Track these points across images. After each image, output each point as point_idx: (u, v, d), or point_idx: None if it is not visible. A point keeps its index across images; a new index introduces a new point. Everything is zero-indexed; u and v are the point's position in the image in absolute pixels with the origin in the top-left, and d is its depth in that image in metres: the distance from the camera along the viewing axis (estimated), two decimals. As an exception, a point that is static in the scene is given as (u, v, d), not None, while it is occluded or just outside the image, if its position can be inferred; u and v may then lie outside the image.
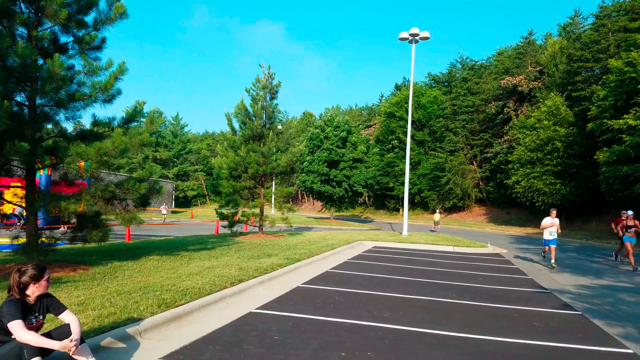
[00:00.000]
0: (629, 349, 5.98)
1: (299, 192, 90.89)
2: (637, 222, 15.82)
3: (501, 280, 11.55)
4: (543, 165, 39.75)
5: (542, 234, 15.70)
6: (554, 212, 15.33)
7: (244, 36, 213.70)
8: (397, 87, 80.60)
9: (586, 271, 14.54)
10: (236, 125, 20.73)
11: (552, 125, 39.17)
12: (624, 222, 16.00)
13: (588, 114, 35.05)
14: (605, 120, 30.59)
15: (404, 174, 27.09)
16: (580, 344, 6.07)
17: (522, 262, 16.53)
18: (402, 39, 25.60)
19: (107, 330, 5.27)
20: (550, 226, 15.06)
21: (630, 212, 16.04)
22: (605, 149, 30.52)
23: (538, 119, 40.66)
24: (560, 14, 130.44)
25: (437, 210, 39.70)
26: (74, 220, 10.11)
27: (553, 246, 14.92)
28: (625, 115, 27.58)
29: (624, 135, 27.35)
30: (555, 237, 15.08)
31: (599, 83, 35.60)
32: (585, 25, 49.02)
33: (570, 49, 43.68)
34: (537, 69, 51.33)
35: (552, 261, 14.74)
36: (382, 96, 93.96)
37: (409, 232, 26.36)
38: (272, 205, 46.10)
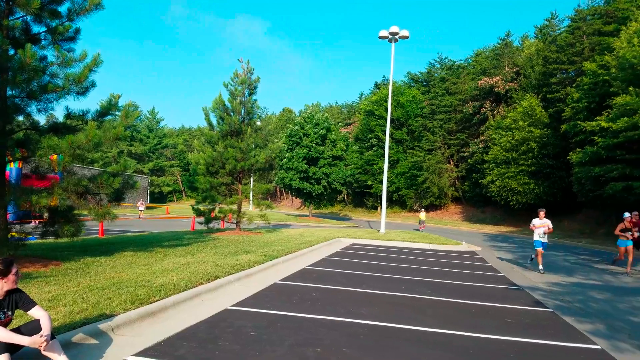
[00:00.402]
0: (597, 345, 6.11)
1: (278, 189, 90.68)
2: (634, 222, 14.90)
3: (475, 277, 11.68)
4: (518, 165, 40.35)
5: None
6: (542, 213, 14.44)
7: (223, 31, 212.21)
8: (377, 86, 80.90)
9: (558, 269, 14.80)
10: (214, 121, 20.55)
11: (527, 126, 39.76)
12: (623, 224, 15.02)
13: (562, 115, 35.64)
14: (579, 122, 31.14)
15: (383, 172, 27.17)
16: (550, 340, 6.17)
17: (496, 259, 16.75)
18: (381, 38, 25.66)
19: (79, 326, 5.16)
20: (540, 227, 14.01)
21: (627, 215, 15.21)
22: (578, 150, 31.07)
23: (514, 120, 41.22)
24: (537, 16, 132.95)
25: (422, 209, 38.88)
26: (45, 214, 9.89)
27: (540, 250, 13.79)
28: (597, 117, 28.10)
29: (596, 137, 27.88)
30: (546, 239, 14.09)
31: (574, 85, 36.25)
32: (561, 28, 49.81)
33: (546, 51, 44.34)
34: (514, 70, 52.03)
35: (540, 267, 13.55)
36: (361, 94, 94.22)
37: (387, 229, 26.49)
38: (250, 201, 45.77)
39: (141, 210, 38.50)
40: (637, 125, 24.45)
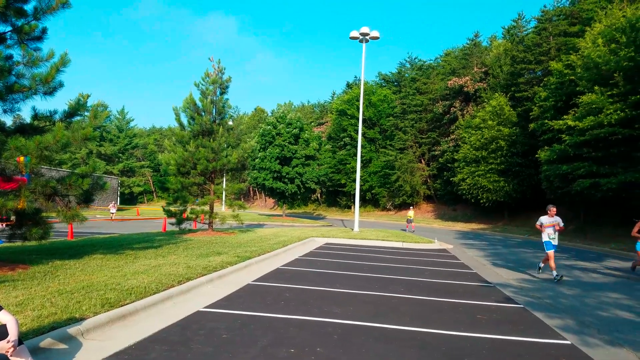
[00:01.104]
0: (567, 340, 6.24)
1: (251, 188, 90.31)
2: None
3: (447, 275, 11.83)
4: (487, 163, 41.03)
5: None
6: (553, 209, 12.44)
7: (195, 29, 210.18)
8: (349, 86, 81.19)
9: (528, 265, 15.10)
10: (184, 120, 20.34)
11: (496, 125, 40.41)
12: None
13: (530, 114, 36.28)
14: (547, 121, 31.74)
15: (356, 171, 27.34)
16: (521, 336, 6.28)
17: (467, 257, 16.99)
18: (352, 38, 25.79)
19: (47, 331, 5.06)
20: (549, 225, 12.24)
21: None
22: (546, 148, 31.65)
23: (483, 119, 41.84)
24: (504, 17, 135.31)
25: (411, 207, 35.67)
26: (12, 217, 9.67)
27: (552, 253, 11.88)
28: (565, 116, 28.70)
29: (563, 135, 28.47)
30: (557, 239, 12.22)
31: (541, 84, 36.96)
32: (528, 29, 50.71)
33: (514, 51, 45.10)
34: (483, 70, 52.79)
35: (555, 273, 11.64)
36: (334, 94, 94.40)
37: (361, 228, 26.62)
38: (223, 202, 45.50)
39: (112, 213, 37.06)
40: (602, 123, 25.08)
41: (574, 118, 27.39)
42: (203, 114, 20.03)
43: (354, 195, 29.36)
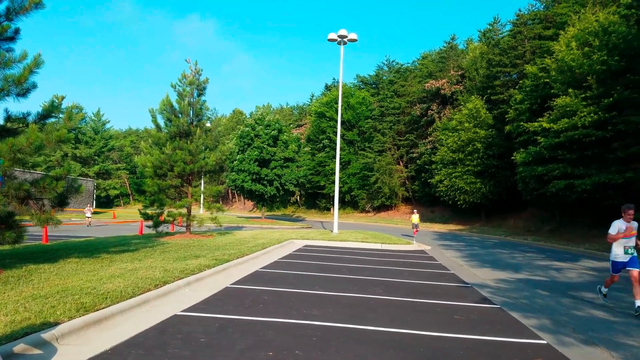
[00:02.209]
0: (543, 339, 6.33)
1: (230, 191, 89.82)
2: None
3: (425, 276, 11.92)
4: (464, 165, 41.48)
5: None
6: (630, 212, 8.45)
7: (171, 30, 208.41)
8: (327, 88, 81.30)
9: (505, 266, 15.28)
10: (161, 122, 20.13)
11: (472, 127, 40.90)
12: None
13: (506, 116, 36.71)
14: (522, 123, 32.19)
15: (335, 173, 27.39)
16: (498, 336, 6.36)
17: (445, 258, 17.15)
18: (330, 40, 25.89)
19: (21, 336, 4.97)
20: (627, 235, 8.43)
21: None
22: (521, 150, 32.06)
23: (459, 121, 42.31)
24: (480, 21, 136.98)
25: (415, 210, 31.07)
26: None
27: (636, 271, 8.15)
28: (540, 119, 29.15)
29: (538, 137, 28.91)
30: (635, 253, 8.46)
31: (516, 87, 37.43)
32: (503, 32, 51.44)
33: (490, 54, 45.71)
34: (459, 73, 53.34)
35: (637, 303, 7.97)
36: (312, 96, 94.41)
37: (340, 230, 26.68)
38: (201, 204, 45.20)
39: (89, 217, 34.71)
40: (576, 125, 25.55)
41: (549, 120, 27.86)
42: (180, 115, 19.86)
43: (333, 197, 29.36)
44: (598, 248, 22.02)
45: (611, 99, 24.19)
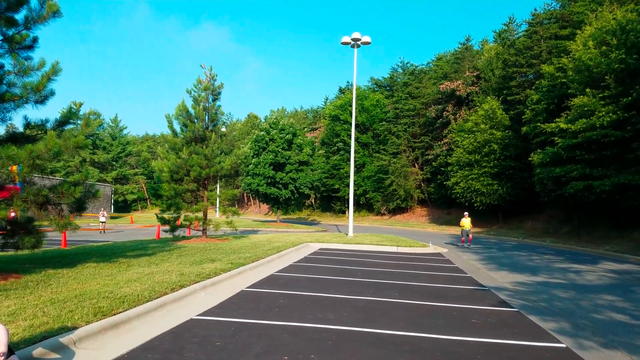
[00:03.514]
0: (562, 343, 6.26)
1: (245, 195, 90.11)
2: None
3: (442, 279, 11.85)
4: (481, 167, 41.10)
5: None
6: None
7: (187, 37, 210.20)
8: (341, 91, 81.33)
9: (522, 268, 15.13)
10: (177, 128, 20.31)
11: (488, 128, 40.53)
12: None
13: (522, 117, 36.39)
14: (539, 124, 31.89)
15: (349, 176, 27.38)
16: (516, 340, 6.30)
17: (462, 261, 17.02)
18: (344, 44, 25.91)
19: (39, 340, 5.03)
20: None
21: None
22: (539, 150, 31.75)
23: (475, 123, 41.97)
24: (495, 21, 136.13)
25: (466, 213, 25.52)
26: (8, 227, 9.62)
27: None
28: (557, 119, 28.84)
29: (556, 138, 28.59)
30: None
31: (533, 88, 37.09)
32: (519, 32, 50.99)
33: (505, 54, 45.33)
34: (474, 73, 52.96)
35: None
36: (326, 99, 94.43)
37: (355, 233, 26.63)
38: (217, 208, 45.45)
39: (103, 222, 31.64)
40: (594, 126, 25.23)
41: (566, 121, 27.54)
42: (195, 120, 20.01)
43: (348, 200, 29.36)
44: (618, 250, 21.72)
45: (630, 98, 23.84)
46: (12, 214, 9.56)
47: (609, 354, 5.90)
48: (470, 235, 24.57)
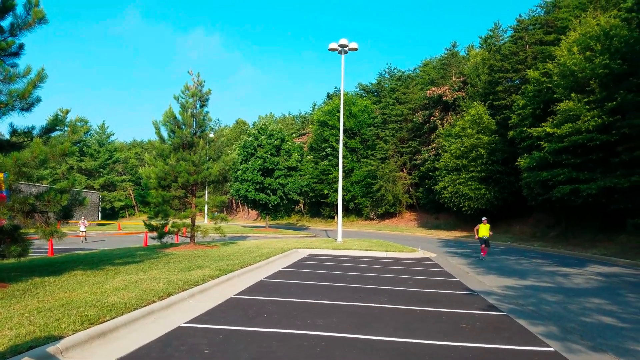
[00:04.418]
0: (550, 347, 6.31)
1: (233, 201, 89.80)
2: None
3: (431, 284, 11.89)
4: (468, 171, 41.34)
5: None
6: None
7: (178, 43, 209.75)
8: (329, 96, 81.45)
9: (511, 272, 15.22)
10: (165, 134, 20.21)
11: (475, 133, 40.81)
12: None
13: (509, 122, 36.67)
14: (525, 128, 32.13)
15: (338, 181, 27.44)
16: (505, 344, 6.34)
17: (451, 265, 17.08)
18: (331, 50, 26.03)
19: (25, 350, 4.99)
20: None
21: None
22: (525, 155, 31.99)
23: (462, 128, 42.22)
24: (481, 27, 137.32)
25: (485, 218, 20.82)
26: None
27: None
28: (543, 123, 29.10)
29: (542, 142, 28.83)
30: None
31: (519, 93, 37.40)
32: (504, 38, 51.44)
33: (491, 60, 45.69)
34: (461, 79, 53.31)
35: None
36: (314, 105, 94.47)
37: (344, 238, 26.64)
38: (205, 215, 45.29)
39: (83, 231, 29.67)
40: (580, 130, 25.53)
41: (552, 125, 27.82)
42: (183, 127, 19.96)
43: (337, 205, 29.36)
44: (605, 253, 21.94)
45: (614, 103, 24.15)
46: (4, 222, 9.48)
47: (598, 357, 5.96)
48: (488, 247, 20.38)
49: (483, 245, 20.11)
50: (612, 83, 25.20)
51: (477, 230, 20.08)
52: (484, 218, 20.70)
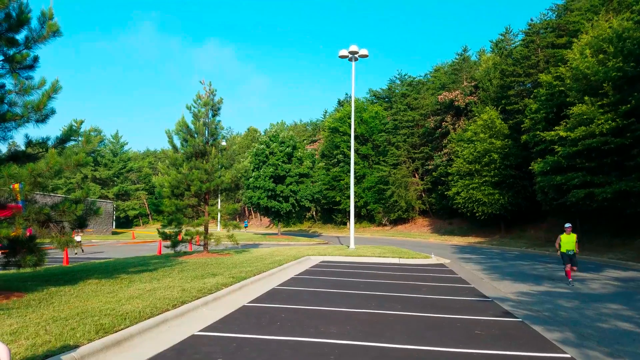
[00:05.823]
0: (567, 353, 6.23)
1: (246, 208, 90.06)
2: None
3: (445, 290, 11.82)
4: (481, 176, 41.05)
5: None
6: None
7: (191, 55, 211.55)
8: (340, 103, 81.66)
9: (526, 278, 15.08)
10: (177, 143, 20.39)
11: (488, 137, 40.54)
12: None
13: (522, 126, 36.44)
14: (538, 132, 31.92)
15: (350, 187, 27.41)
16: (520, 351, 6.27)
17: (465, 271, 16.97)
18: (342, 57, 26.08)
19: (41, 359, 5.03)
20: None
21: None
22: (539, 159, 31.70)
23: (475, 132, 41.99)
24: (492, 31, 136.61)
25: (569, 226, 14.97)
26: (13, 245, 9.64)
27: None
28: (556, 127, 28.87)
29: (556, 146, 28.60)
30: None
31: (531, 97, 37.18)
32: (516, 42, 51.25)
33: (503, 64, 45.48)
34: (472, 84, 53.09)
35: None
36: (325, 112, 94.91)
37: (356, 245, 26.57)
38: (218, 222, 45.44)
39: (79, 242, 26.26)
40: (594, 133, 25.27)
41: (566, 129, 27.57)
42: (195, 136, 20.10)
43: (349, 211, 29.29)
44: (621, 257, 21.65)
45: (629, 106, 23.90)
46: (28, 233, 9.60)
47: (614, 364, 5.89)
48: (575, 266, 14.64)
49: (568, 265, 14.17)
50: (626, 85, 24.94)
51: (559, 243, 14.78)
52: (567, 225, 14.99)
